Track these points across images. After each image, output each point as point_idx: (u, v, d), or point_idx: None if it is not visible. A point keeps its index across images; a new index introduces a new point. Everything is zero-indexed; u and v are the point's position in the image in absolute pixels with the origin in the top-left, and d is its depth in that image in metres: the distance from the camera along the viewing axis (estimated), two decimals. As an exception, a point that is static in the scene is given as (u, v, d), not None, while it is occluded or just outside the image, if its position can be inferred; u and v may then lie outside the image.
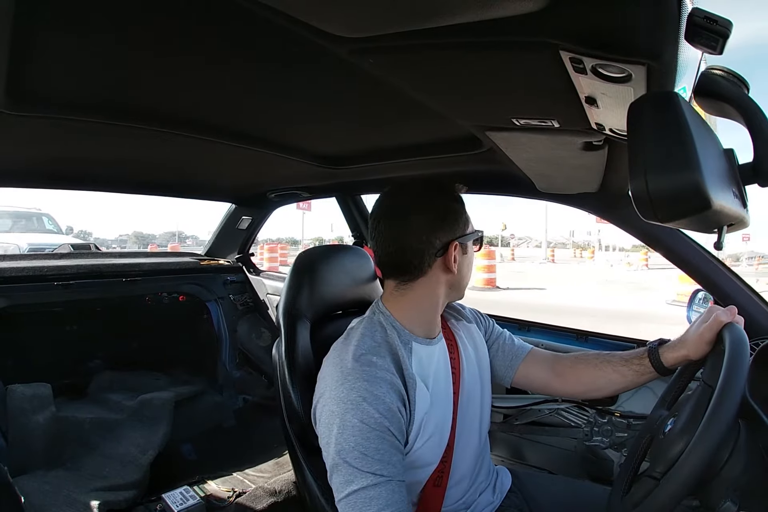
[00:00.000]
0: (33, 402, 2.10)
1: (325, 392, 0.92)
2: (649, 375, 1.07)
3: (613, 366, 1.12)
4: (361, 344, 0.97)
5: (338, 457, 0.85)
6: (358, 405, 0.86)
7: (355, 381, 0.89)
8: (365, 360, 0.93)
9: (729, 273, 1.37)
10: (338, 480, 0.85)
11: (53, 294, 2.33)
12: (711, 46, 0.51)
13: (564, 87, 0.72)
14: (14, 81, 0.97)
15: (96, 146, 1.53)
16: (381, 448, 0.85)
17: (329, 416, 0.88)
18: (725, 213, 0.60)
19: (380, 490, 0.83)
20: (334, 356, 0.99)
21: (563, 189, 1.52)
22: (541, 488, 1.29)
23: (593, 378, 1.14)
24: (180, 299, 2.96)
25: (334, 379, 0.92)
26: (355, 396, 0.87)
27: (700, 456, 0.70)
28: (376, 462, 0.84)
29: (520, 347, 1.25)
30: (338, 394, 0.89)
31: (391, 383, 0.91)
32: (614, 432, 1.68)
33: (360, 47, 0.70)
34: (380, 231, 1.01)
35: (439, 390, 1.02)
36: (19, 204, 11.42)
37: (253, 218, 3.02)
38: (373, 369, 0.91)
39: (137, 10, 0.73)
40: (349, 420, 0.85)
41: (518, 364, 1.22)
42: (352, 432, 0.85)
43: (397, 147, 1.52)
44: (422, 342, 1.04)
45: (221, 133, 1.38)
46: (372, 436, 0.85)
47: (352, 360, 0.93)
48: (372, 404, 0.87)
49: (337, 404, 0.88)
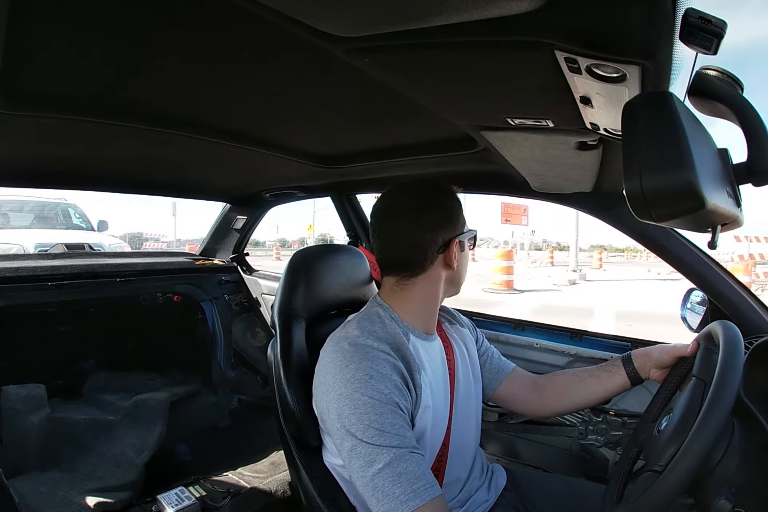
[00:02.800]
0: (27, 403, 2.09)
1: (327, 378, 0.92)
2: (623, 377, 1.17)
3: (587, 372, 1.22)
4: (359, 331, 0.98)
5: (354, 438, 0.84)
6: (367, 383, 0.87)
7: (360, 362, 0.90)
8: (365, 344, 0.94)
9: (723, 272, 1.37)
10: (359, 464, 0.83)
11: (47, 295, 2.32)
12: (705, 46, 0.51)
13: (559, 87, 0.73)
14: (10, 80, 0.96)
15: (91, 146, 1.52)
16: (395, 423, 0.86)
17: (338, 399, 0.88)
18: (719, 212, 0.60)
19: (406, 464, 0.82)
20: (332, 344, 0.99)
21: (558, 188, 1.52)
22: (536, 486, 1.30)
23: (570, 384, 1.23)
24: (175, 299, 2.95)
25: (336, 364, 0.92)
26: (361, 375, 0.88)
27: (695, 455, 0.71)
28: (393, 437, 0.84)
29: (505, 363, 1.30)
30: (344, 376, 0.89)
31: (393, 365, 0.92)
32: (609, 431, 1.69)
33: (355, 46, 0.70)
34: (385, 227, 1.04)
35: (438, 386, 1.04)
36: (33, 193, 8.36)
37: (247, 218, 3.01)
38: (374, 351, 0.92)
39: (134, 10, 0.73)
40: (359, 399, 0.85)
41: (502, 379, 1.27)
42: (364, 410, 0.85)
43: (392, 146, 1.52)
44: (420, 337, 1.06)
45: (216, 133, 1.38)
46: (384, 411, 0.85)
47: (352, 344, 0.94)
48: (380, 381, 0.87)
49: (345, 385, 0.88)
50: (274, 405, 1.19)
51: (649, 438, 0.95)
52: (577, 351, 1.81)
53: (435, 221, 1.02)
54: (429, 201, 1.03)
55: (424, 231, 1.01)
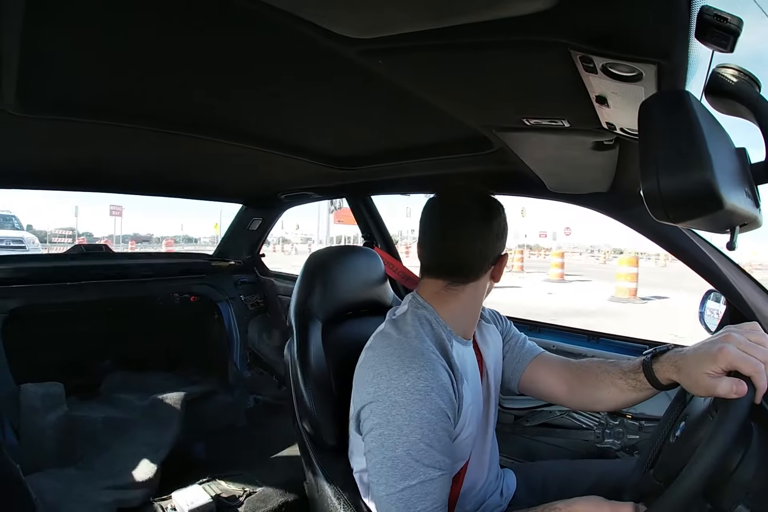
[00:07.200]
0: (45, 401, 2.12)
1: (380, 381, 0.89)
2: (647, 391, 0.98)
3: (611, 378, 1.05)
4: (415, 334, 0.96)
5: (401, 449, 0.83)
6: (427, 396, 0.85)
7: (420, 370, 0.87)
8: (424, 349, 0.92)
9: (742, 274, 1.35)
10: (393, 474, 0.83)
11: (65, 295, 2.36)
12: (722, 44, 0.50)
13: (574, 86, 0.72)
14: (26, 84, 0.98)
15: (107, 148, 1.55)
16: (443, 440, 0.86)
17: (391, 407, 0.85)
18: (738, 213, 0.59)
19: (436, 485, 0.83)
20: (384, 344, 0.96)
21: (574, 189, 1.51)
22: (546, 475, 1.29)
23: (593, 389, 1.09)
24: (191, 300, 2.98)
25: (392, 367, 0.89)
26: (422, 386, 0.85)
27: (708, 462, 0.69)
28: (438, 454, 0.84)
29: (529, 350, 1.24)
30: (401, 383, 0.86)
31: (448, 373, 0.91)
32: (626, 435, 1.67)
33: (369, 48, 0.70)
34: (451, 229, 1.01)
35: (475, 390, 1.03)
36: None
37: (263, 219, 3.03)
38: (433, 357, 0.91)
39: (150, 15, 0.74)
40: (417, 412, 0.84)
41: (524, 367, 1.21)
42: (420, 424, 0.84)
43: (406, 147, 1.52)
44: (461, 342, 1.04)
45: (232, 135, 1.39)
46: (438, 428, 0.85)
47: (411, 349, 0.92)
48: (439, 394, 0.86)
49: (403, 394, 0.85)
50: (291, 405, 1.20)
51: (666, 444, 0.93)
52: (594, 354, 1.79)
53: (499, 231, 1.02)
54: (494, 211, 1.02)
55: (490, 239, 1.01)
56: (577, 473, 1.27)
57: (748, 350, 0.75)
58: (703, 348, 0.81)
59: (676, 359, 0.89)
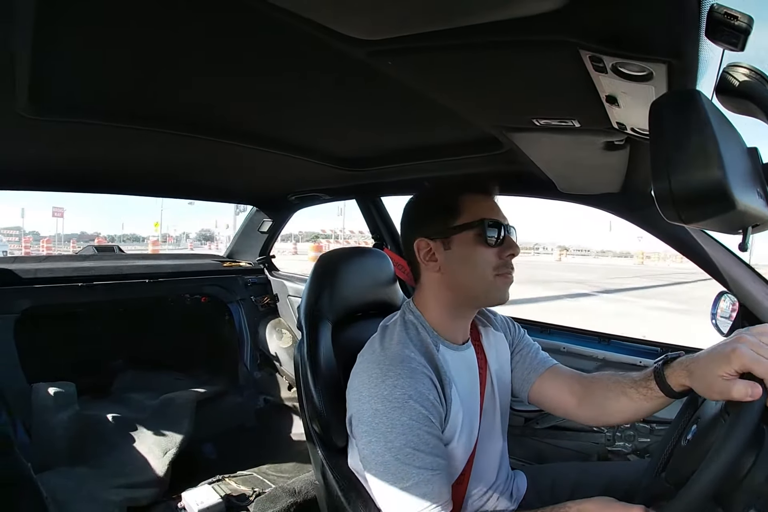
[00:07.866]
0: (57, 400, 2.14)
1: (362, 389, 0.91)
2: (659, 399, 0.94)
3: (621, 387, 1.01)
4: (398, 340, 0.97)
5: (388, 454, 0.85)
6: (405, 403, 0.86)
7: (398, 378, 0.88)
8: (404, 356, 0.92)
9: (754, 274, 1.34)
10: (386, 477, 0.85)
11: (77, 295, 2.38)
12: (732, 42, 0.50)
13: (584, 86, 0.72)
14: (38, 86, 0.99)
15: (117, 149, 1.55)
16: (430, 442, 0.86)
17: (373, 415, 0.87)
18: (750, 213, 0.58)
19: (432, 486, 0.84)
20: (369, 352, 0.98)
21: (584, 189, 1.50)
22: (556, 478, 1.28)
23: (603, 399, 1.05)
24: (202, 300, 3.00)
25: (372, 376, 0.91)
26: (399, 394, 0.86)
27: (719, 467, 0.69)
28: (428, 456, 0.85)
29: (541, 362, 1.20)
30: (380, 392, 0.88)
31: (429, 378, 0.91)
32: (637, 438, 1.66)
33: (378, 49, 0.70)
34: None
35: (467, 399, 1.01)
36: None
37: (274, 220, 3.04)
38: (413, 364, 0.91)
39: (159, 17, 0.75)
40: (397, 419, 0.85)
41: (535, 379, 1.17)
42: (401, 431, 0.85)
43: (416, 149, 1.52)
44: (450, 347, 1.03)
45: (241, 136, 1.40)
46: (422, 432, 0.86)
47: (390, 357, 0.93)
48: (418, 401, 0.87)
49: (382, 402, 0.87)
50: (300, 406, 1.20)
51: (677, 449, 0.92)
52: (605, 356, 1.78)
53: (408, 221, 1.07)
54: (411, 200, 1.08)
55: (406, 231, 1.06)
56: (588, 475, 1.25)
57: (762, 351, 0.73)
58: (716, 350, 0.79)
59: (688, 363, 0.87)
